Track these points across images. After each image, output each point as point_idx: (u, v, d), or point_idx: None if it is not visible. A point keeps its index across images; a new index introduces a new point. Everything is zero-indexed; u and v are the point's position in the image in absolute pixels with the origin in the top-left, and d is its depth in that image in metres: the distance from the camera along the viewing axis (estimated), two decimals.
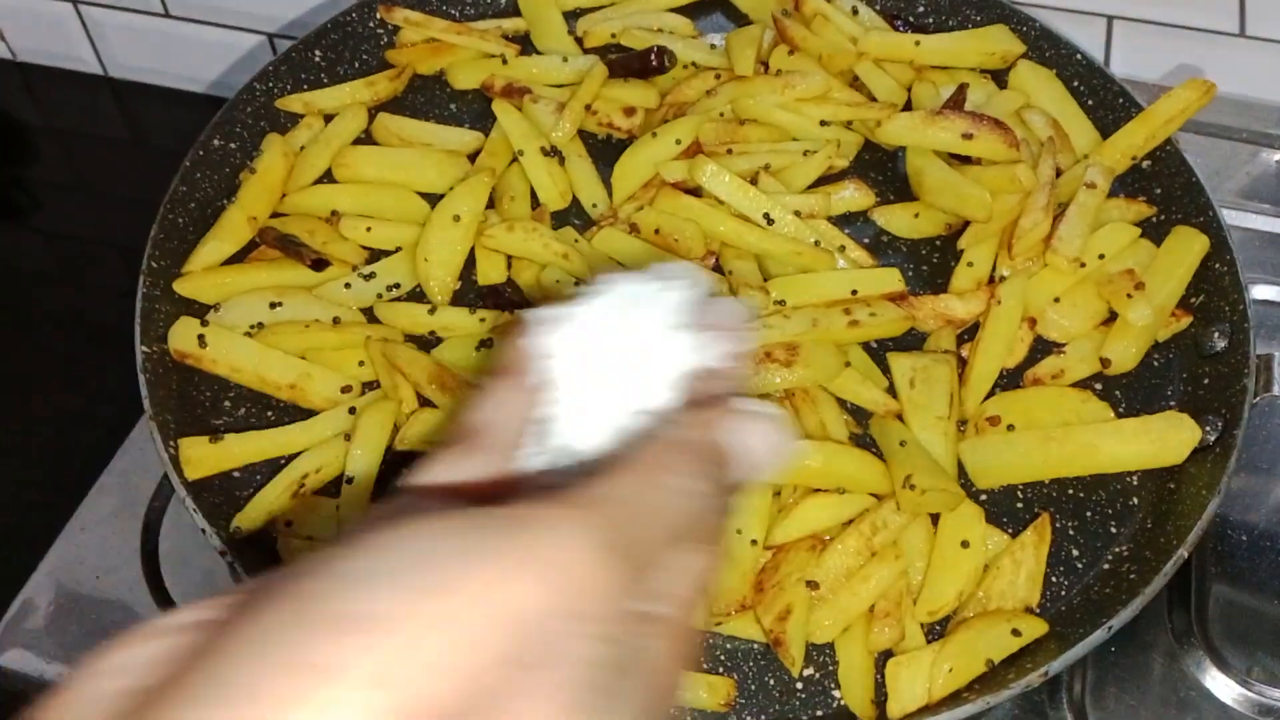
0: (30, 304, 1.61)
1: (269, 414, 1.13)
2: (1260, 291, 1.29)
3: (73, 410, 1.44)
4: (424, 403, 1.10)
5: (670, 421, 0.57)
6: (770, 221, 1.19)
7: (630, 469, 0.52)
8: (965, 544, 1.03)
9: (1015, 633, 0.99)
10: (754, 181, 1.23)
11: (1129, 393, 1.15)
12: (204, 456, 1.06)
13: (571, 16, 1.42)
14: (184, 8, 1.75)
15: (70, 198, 1.77)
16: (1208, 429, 1.08)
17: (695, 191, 1.22)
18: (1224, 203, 1.36)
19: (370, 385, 1.14)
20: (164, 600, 1.11)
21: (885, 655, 1.00)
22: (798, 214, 1.20)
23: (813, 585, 1.00)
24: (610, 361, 0.60)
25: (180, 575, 1.13)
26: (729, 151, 1.25)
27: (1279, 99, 1.48)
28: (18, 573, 1.13)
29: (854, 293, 1.16)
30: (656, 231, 1.20)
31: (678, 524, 0.52)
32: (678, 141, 1.26)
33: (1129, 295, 1.14)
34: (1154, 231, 1.22)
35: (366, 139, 1.32)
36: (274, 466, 1.08)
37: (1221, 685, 1.06)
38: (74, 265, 1.68)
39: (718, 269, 1.19)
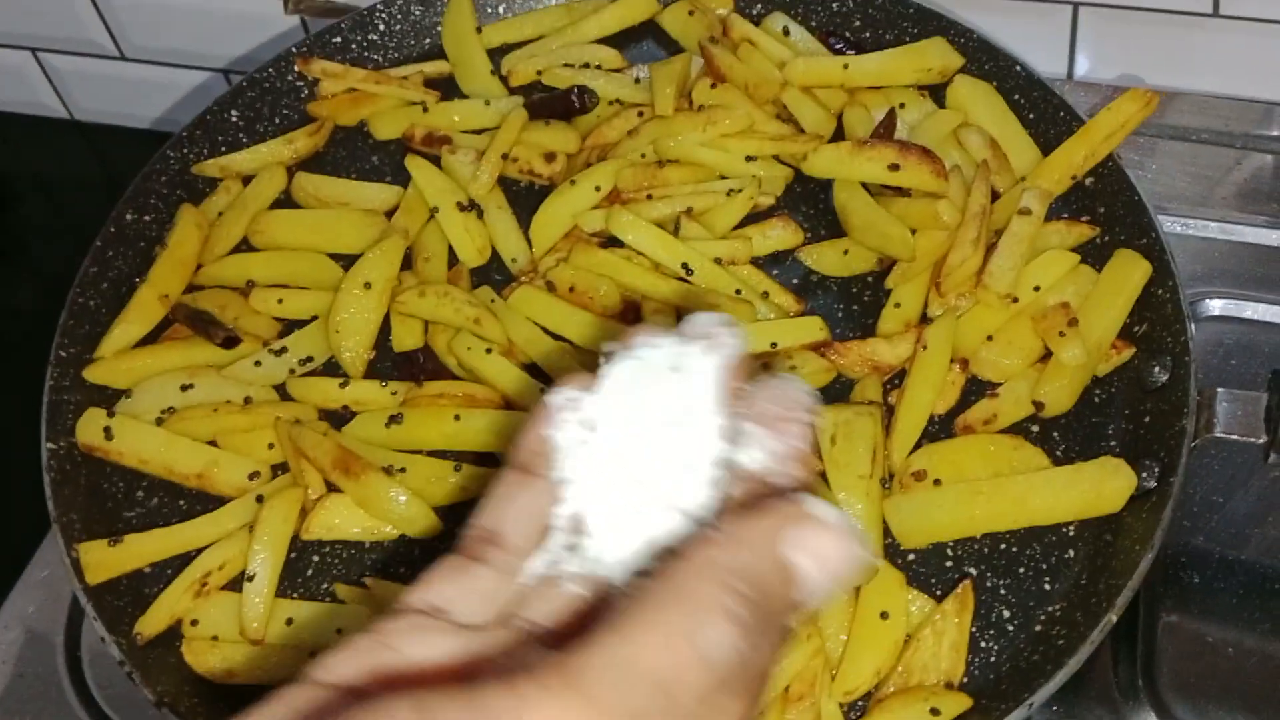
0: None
1: (181, 503, 1.11)
2: (1215, 306, 1.23)
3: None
4: (332, 488, 1.07)
5: (721, 534, 0.48)
6: (690, 271, 1.15)
7: (649, 622, 0.45)
8: (885, 615, 0.98)
9: (934, 711, 0.94)
10: (676, 227, 1.19)
11: (1067, 434, 1.09)
12: (104, 560, 1.04)
13: (498, 53, 1.37)
14: (136, 50, 1.73)
15: (53, 242, 1.76)
16: (1144, 475, 1.03)
17: (617, 241, 1.18)
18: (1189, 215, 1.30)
19: (283, 468, 1.11)
20: (85, 698, 1.10)
21: None
22: (719, 261, 1.16)
23: None
24: (640, 452, 0.53)
25: (103, 668, 1.12)
26: (649, 196, 1.20)
27: (1253, 89, 1.40)
28: None
29: (774, 345, 1.11)
30: (572, 289, 1.16)
31: (703, 692, 0.44)
32: (597, 188, 1.21)
33: (1061, 334, 1.08)
34: (1097, 254, 1.16)
35: (287, 199, 1.29)
36: (185, 559, 1.06)
37: None
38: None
39: (638, 320, 1.15)
